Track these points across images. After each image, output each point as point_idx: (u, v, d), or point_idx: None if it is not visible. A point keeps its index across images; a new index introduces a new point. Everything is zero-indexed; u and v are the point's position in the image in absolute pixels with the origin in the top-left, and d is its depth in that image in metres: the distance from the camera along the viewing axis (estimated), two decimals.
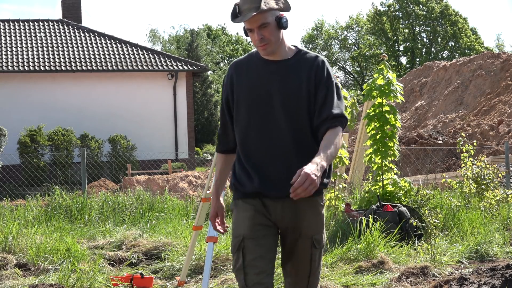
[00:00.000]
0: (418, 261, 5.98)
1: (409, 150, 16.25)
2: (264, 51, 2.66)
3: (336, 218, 7.53)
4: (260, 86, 2.70)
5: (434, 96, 24.49)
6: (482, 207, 8.00)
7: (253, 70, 2.73)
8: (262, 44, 2.62)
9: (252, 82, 2.72)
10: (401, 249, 6.42)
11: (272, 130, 2.68)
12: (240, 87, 2.73)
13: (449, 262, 6.13)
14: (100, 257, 6.08)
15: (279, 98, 2.67)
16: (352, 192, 9.13)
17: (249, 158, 2.72)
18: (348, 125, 7.72)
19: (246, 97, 2.71)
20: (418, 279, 5.44)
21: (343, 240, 6.55)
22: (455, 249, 6.46)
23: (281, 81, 2.69)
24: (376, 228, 6.38)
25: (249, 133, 2.72)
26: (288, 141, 2.68)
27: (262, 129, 2.70)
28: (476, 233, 6.98)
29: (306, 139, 2.69)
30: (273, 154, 2.69)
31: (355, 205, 7.83)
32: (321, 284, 5.05)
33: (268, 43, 2.63)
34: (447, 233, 7.08)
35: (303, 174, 2.39)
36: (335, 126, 2.64)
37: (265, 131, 2.69)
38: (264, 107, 2.69)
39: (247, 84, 2.72)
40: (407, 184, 7.74)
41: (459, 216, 7.49)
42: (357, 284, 5.42)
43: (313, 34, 53.97)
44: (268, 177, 2.69)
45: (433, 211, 6.44)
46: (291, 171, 2.54)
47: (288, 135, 2.67)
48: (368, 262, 5.90)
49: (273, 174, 2.68)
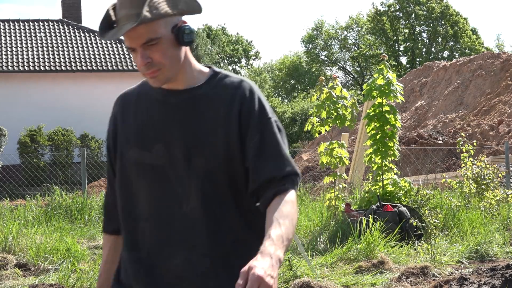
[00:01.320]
0: (418, 261, 5.98)
1: (409, 150, 16.25)
2: (154, 81, 1.70)
3: (336, 218, 7.53)
4: (152, 132, 1.75)
5: (434, 96, 24.50)
6: (482, 207, 8.00)
7: (144, 107, 1.80)
8: (150, 70, 1.67)
9: (142, 126, 1.78)
10: (401, 249, 6.42)
11: (171, 203, 1.71)
12: (124, 134, 1.80)
13: (449, 262, 6.13)
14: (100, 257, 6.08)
15: (181, 151, 1.71)
16: (352, 192, 9.13)
17: (135, 244, 1.76)
18: (348, 125, 7.73)
19: (132, 150, 1.77)
20: (418, 279, 5.44)
21: (343, 240, 6.55)
22: (455, 249, 6.47)
23: (185, 123, 1.73)
24: (376, 228, 6.38)
25: (135, 207, 1.77)
26: (197, 220, 1.69)
27: (155, 201, 1.74)
28: (476, 233, 6.98)
29: (227, 216, 1.71)
30: (172, 240, 1.70)
31: (355, 205, 7.83)
32: (321, 284, 5.05)
33: (160, 69, 1.68)
34: (447, 233, 7.09)
35: (253, 278, 1.42)
36: (286, 190, 1.67)
37: (159, 204, 1.73)
38: (158, 167, 1.73)
39: (134, 130, 1.78)
40: (407, 184, 7.74)
41: (459, 216, 7.49)
42: (357, 284, 5.42)
43: (313, 34, 53.96)
44: (162, 277, 1.72)
45: (433, 211, 6.44)
46: (202, 267, 1.67)
47: (196, 210, 1.69)
48: (368, 262, 5.91)
49: (172, 272, 1.70)
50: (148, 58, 1.66)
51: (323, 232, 7.06)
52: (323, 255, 6.23)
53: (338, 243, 6.42)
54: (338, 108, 7.62)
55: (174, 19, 1.67)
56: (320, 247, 6.61)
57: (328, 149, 7.67)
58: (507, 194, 8.50)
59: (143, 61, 1.66)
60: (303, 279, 5.15)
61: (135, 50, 1.68)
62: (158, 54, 1.66)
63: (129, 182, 1.77)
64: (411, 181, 8.20)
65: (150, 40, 1.64)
